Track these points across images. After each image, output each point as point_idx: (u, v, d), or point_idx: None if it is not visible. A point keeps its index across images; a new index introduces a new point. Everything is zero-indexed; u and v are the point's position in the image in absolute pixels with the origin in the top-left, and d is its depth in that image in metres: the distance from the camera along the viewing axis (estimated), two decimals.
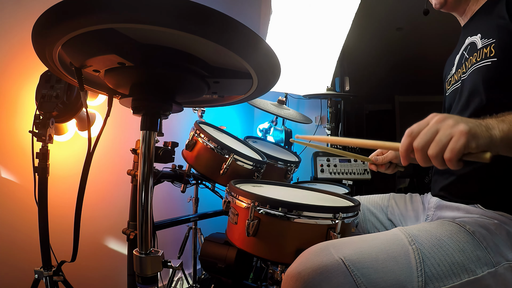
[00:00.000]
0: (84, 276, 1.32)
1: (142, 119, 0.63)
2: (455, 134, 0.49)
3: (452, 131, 0.50)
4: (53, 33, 0.48)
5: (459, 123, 0.50)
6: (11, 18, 1.12)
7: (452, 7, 0.90)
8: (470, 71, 0.78)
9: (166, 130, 0.84)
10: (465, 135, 0.49)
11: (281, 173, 1.29)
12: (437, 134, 0.51)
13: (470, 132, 0.49)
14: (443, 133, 0.50)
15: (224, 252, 1.03)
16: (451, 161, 0.49)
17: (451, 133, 0.50)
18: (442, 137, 0.50)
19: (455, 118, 0.52)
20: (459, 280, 0.59)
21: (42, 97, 0.97)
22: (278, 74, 0.64)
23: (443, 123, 0.51)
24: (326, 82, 2.00)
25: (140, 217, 0.62)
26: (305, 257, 0.60)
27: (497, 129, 0.52)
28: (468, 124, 0.50)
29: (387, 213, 1.00)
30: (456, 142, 0.49)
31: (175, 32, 0.47)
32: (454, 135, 0.49)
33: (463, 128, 0.49)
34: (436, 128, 0.51)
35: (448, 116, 0.52)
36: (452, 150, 0.49)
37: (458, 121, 0.51)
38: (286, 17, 1.94)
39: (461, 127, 0.49)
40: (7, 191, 1.13)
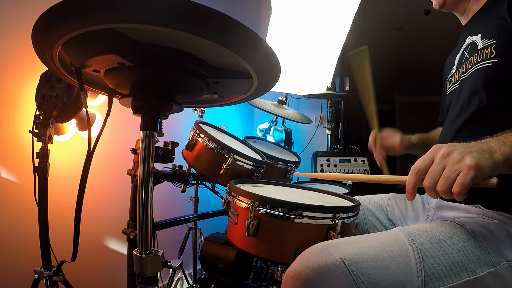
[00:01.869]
0: (84, 276, 1.32)
1: (142, 119, 0.62)
2: (462, 169, 0.50)
3: (459, 166, 0.51)
4: (53, 33, 0.48)
5: (464, 156, 0.51)
6: (11, 18, 1.12)
7: (451, 7, 0.91)
8: (471, 71, 0.78)
9: (166, 130, 0.84)
10: (473, 169, 0.50)
11: (281, 173, 1.29)
12: (444, 170, 0.52)
13: (477, 165, 0.50)
14: (450, 169, 0.51)
15: (224, 252, 1.03)
16: (460, 194, 0.50)
17: (459, 168, 0.51)
18: (450, 173, 0.51)
19: (459, 150, 0.53)
20: (459, 280, 0.59)
21: (42, 97, 0.97)
22: (278, 74, 0.64)
23: (449, 158, 0.52)
24: (326, 82, 2.00)
25: (140, 217, 0.62)
26: (305, 257, 0.60)
27: (498, 152, 0.53)
28: (473, 156, 0.51)
29: (387, 213, 1.00)
30: (465, 177, 0.50)
31: (175, 32, 0.47)
32: (461, 170, 0.51)
33: (469, 162, 0.50)
34: (443, 164, 0.52)
35: (453, 148, 0.53)
36: (462, 184, 0.50)
37: (463, 153, 0.52)
38: (286, 17, 1.94)
39: (468, 161, 0.50)
40: (7, 191, 1.13)
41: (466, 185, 0.50)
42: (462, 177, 0.50)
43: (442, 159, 0.53)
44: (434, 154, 0.54)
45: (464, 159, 0.51)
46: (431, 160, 0.54)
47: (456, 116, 0.81)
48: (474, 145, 0.54)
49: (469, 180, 0.50)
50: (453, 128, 0.81)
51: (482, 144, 0.55)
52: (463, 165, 0.50)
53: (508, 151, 0.53)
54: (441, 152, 0.53)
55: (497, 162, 0.52)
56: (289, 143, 1.99)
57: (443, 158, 0.53)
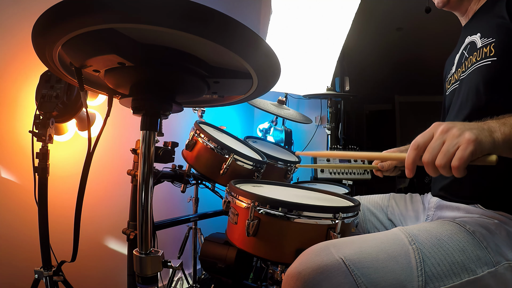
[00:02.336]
0: (84, 276, 1.32)
1: (142, 119, 0.62)
2: (462, 143, 0.51)
3: (459, 141, 0.51)
4: (53, 33, 0.48)
5: (464, 131, 0.51)
6: (11, 18, 1.12)
7: (454, 7, 0.90)
8: (470, 70, 0.78)
9: (166, 130, 0.84)
10: (472, 143, 0.50)
11: (281, 173, 1.29)
12: (443, 145, 0.52)
13: (476, 139, 0.50)
14: (449, 143, 0.52)
15: (224, 252, 1.03)
16: (459, 169, 0.50)
17: (458, 142, 0.51)
18: (449, 147, 0.51)
19: (458, 126, 0.53)
20: (459, 279, 0.59)
21: (42, 97, 0.97)
22: (278, 74, 0.64)
23: (448, 133, 0.52)
24: (326, 82, 2.00)
25: (140, 217, 0.62)
26: (305, 257, 0.60)
27: (498, 132, 0.53)
28: (473, 131, 0.51)
29: (387, 213, 1.00)
30: (464, 151, 0.50)
31: (175, 32, 0.47)
32: (461, 144, 0.51)
33: (469, 136, 0.50)
34: (442, 139, 0.53)
35: (452, 125, 0.53)
36: (460, 158, 0.50)
37: (463, 129, 0.52)
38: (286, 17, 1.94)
39: (467, 135, 0.51)
40: (7, 191, 1.13)
41: (465, 159, 0.50)
42: (461, 151, 0.50)
43: (441, 134, 0.53)
44: (434, 130, 0.54)
45: (464, 134, 0.51)
46: (430, 136, 0.54)
47: (455, 115, 0.81)
48: (474, 124, 0.54)
49: (468, 153, 0.50)
50: None
51: (482, 124, 0.55)
52: (462, 139, 0.51)
53: (508, 132, 0.53)
54: (441, 128, 0.53)
55: (496, 141, 0.52)
56: (289, 143, 1.99)
57: (442, 134, 0.53)
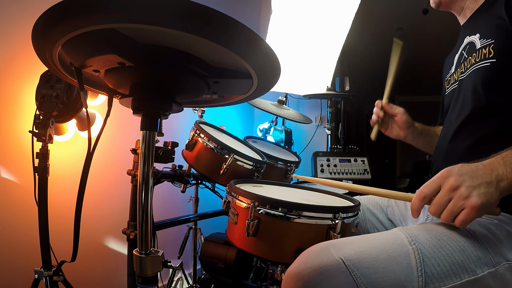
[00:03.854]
0: (84, 276, 1.32)
1: (142, 119, 0.62)
2: (467, 207, 0.53)
3: (465, 204, 0.53)
4: (53, 33, 0.48)
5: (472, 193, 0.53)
6: (11, 18, 1.12)
7: (447, 5, 0.91)
8: (469, 71, 0.78)
9: (166, 130, 0.84)
10: (477, 210, 0.52)
11: (281, 173, 1.29)
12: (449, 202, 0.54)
13: (482, 205, 0.52)
14: (455, 204, 0.54)
15: (224, 252, 1.03)
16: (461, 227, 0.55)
17: (463, 205, 0.53)
18: (454, 209, 0.54)
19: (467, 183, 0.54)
20: (459, 280, 0.59)
21: (42, 97, 0.97)
22: (278, 74, 0.64)
23: (456, 192, 0.54)
24: (326, 82, 2.00)
25: (140, 217, 0.62)
26: (305, 257, 0.60)
27: (506, 180, 0.55)
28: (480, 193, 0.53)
29: (387, 213, 1.00)
30: (468, 216, 0.53)
31: (175, 32, 0.47)
32: (466, 207, 0.53)
33: (475, 202, 0.52)
34: (449, 196, 0.54)
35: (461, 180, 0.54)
36: (464, 222, 0.53)
37: (471, 189, 0.53)
38: (286, 17, 1.94)
39: (473, 201, 0.52)
40: (7, 191, 1.13)
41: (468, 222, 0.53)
42: (465, 215, 0.53)
43: (449, 191, 0.54)
44: (442, 183, 0.56)
45: (471, 197, 0.52)
46: (437, 188, 0.56)
47: (455, 116, 0.81)
48: (482, 174, 0.55)
49: (471, 219, 0.53)
50: (453, 128, 0.81)
51: (490, 173, 0.55)
52: (468, 204, 0.52)
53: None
54: (450, 184, 0.55)
55: (502, 191, 0.54)
56: (289, 143, 1.99)
57: (450, 191, 0.54)
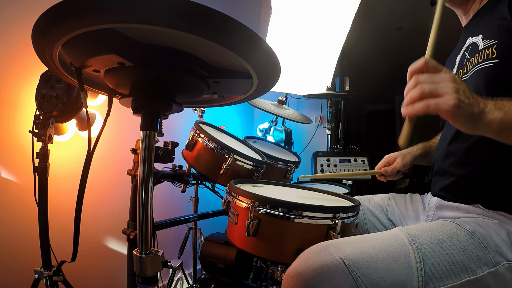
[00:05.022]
0: (84, 276, 1.32)
1: (142, 119, 0.63)
2: (446, 94, 0.50)
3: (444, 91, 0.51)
4: (53, 33, 0.48)
5: (457, 91, 0.51)
6: (11, 18, 1.12)
7: (458, 3, 0.89)
8: (472, 72, 0.77)
9: (166, 130, 0.84)
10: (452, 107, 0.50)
11: (281, 173, 1.29)
12: (436, 84, 0.52)
13: (458, 107, 0.50)
14: (439, 87, 0.51)
15: (224, 252, 1.03)
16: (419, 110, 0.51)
17: (445, 92, 0.51)
18: (435, 90, 0.51)
19: (462, 87, 0.52)
20: (459, 279, 0.59)
21: (42, 97, 0.97)
22: (278, 74, 0.64)
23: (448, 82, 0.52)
24: (326, 82, 1.99)
25: (140, 217, 0.62)
26: (305, 257, 0.60)
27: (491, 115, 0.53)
28: (460, 99, 0.51)
29: (387, 213, 1.00)
30: (442, 103, 0.50)
31: (175, 32, 0.47)
32: (444, 95, 0.50)
33: (453, 102, 0.50)
34: (436, 82, 0.52)
35: (458, 82, 0.53)
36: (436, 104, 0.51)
37: (460, 92, 0.51)
38: (286, 17, 1.94)
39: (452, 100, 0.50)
40: (7, 191, 1.13)
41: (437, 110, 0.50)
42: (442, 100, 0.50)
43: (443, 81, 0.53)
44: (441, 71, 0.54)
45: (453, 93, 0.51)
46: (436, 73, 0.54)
47: None
48: (476, 98, 0.54)
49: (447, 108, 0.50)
50: (453, 128, 0.81)
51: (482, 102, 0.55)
52: (448, 95, 0.50)
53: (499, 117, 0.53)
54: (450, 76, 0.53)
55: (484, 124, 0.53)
56: (289, 143, 1.99)
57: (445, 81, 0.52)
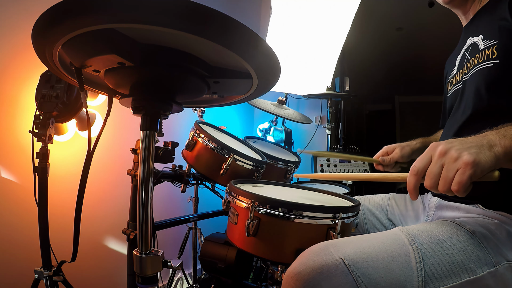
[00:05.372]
0: (84, 276, 1.32)
1: (142, 119, 0.63)
2: (460, 167, 0.50)
3: (457, 164, 0.50)
4: (53, 33, 0.48)
5: (462, 152, 0.50)
6: (11, 18, 1.12)
7: (459, 4, 0.89)
8: (472, 72, 0.77)
9: (166, 130, 0.84)
10: (471, 166, 0.49)
11: (281, 173, 1.29)
12: (442, 169, 0.52)
13: (474, 161, 0.49)
14: (448, 168, 0.51)
15: (224, 252, 1.03)
16: (459, 192, 0.50)
17: (456, 166, 0.50)
18: (448, 173, 0.51)
19: (456, 146, 0.52)
20: (459, 279, 0.59)
21: (42, 97, 0.97)
22: (278, 74, 0.64)
23: (446, 156, 0.52)
24: (326, 82, 2.00)
25: (140, 217, 0.62)
26: (305, 257, 0.60)
27: (499, 146, 0.52)
28: (471, 152, 0.50)
29: (387, 213, 1.00)
30: (463, 175, 0.49)
31: (175, 32, 0.47)
32: (459, 168, 0.50)
33: (467, 159, 0.49)
34: (441, 162, 0.52)
35: (450, 145, 0.52)
36: (459, 183, 0.49)
37: (461, 150, 0.51)
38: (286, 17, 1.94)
39: (465, 158, 0.50)
40: (7, 191, 1.13)
41: (464, 183, 0.49)
42: (460, 175, 0.49)
43: (440, 157, 0.52)
44: (432, 153, 0.54)
45: (462, 156, 0.50)
46: (429, 160, 0.54)
47: (458, 117, 0.81)
48: (473, 140, 0.53)
49: (467, 177, 0.49)
50: (455, 129, 0.80)
51: (481, 139, 0.54)
52: (461, 163, 0.50)
53: (508, 144, 0.52)
54: (439, 151, 0.53)
55: (497, 156, 0.51)
56: (289, 143, 1.99)
57: (440, 157, 0.52)
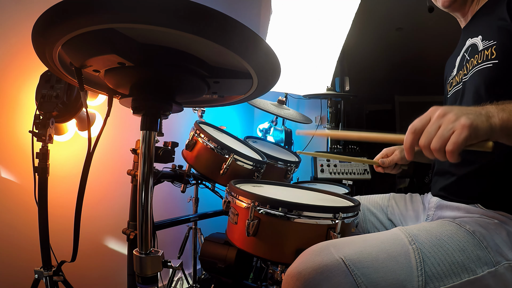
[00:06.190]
0: (84, 276, 1.32)
1: (142, 119, 0.62)
2: (457, 128, 0.51)
3: (454, 126, 0.51)
4: (53, 33, 0.48)
5: (460, 116, 0.51)
6: (11, 18, 1.12)
7: (457, 8, 0.89)
8: (472, 73, 0.77)
9: (166, 130, 0.84)
10: (467, 128, 0.50)
11: (281, 173, 1.29)
12: (439, 129, 0.52)
13: (471, 125, 0.50)
14: (445, 127, 0.52)
15: (224, 252, 1.03)
16: (453, 153, 0.51)
17: (453, 127, 0.51)
18: (444, 131, 0.52)
19: (455, 111, 0.53)
20: (459, 279, 0.59)
21: (42, 97, 0.97)
22: (278, 74, 0.64)
23: (445, 118, 0.52)
24: (326, 82, 2.00)
25: (140, 217, 0.62)
26: (305, 257, 0.61)
27: (496, 117, 0.53)
28: (469, 117, 0.51)
29: (387, 213, 1.00)
30: (458, 136, 0.50)
31: (175, 32, 0.47)
32: (456, 129, 0.51)
33: (464, 121, 0.50)
34: (438, 123, 0.53)
35: (449, 109, 0.53)
36: (455, 143, 0.50)
37: (459, 114, 0.52)
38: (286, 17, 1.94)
39: (463, 120, 0.51)
40: (7, 191, 1.13)
41: (459, 144, 0.50)
42: (455, 135, 0.50)
43: (438, 118, 0.53)
44: (431, 114, 0.55)
45: (459, 119, 0.51)
46: (427, 120, 0.55)
47: None
48: (472, 109, 0.54)
49: (463, 138, 0.50)
50: None
51: (479, 109, 0.55)
52: (458, 124, 0.51)
53: (505, 117, 0.53)
54: (438, 112, 0.54)
55: (493, 127, 0.52)
56: (289, 143, 1.99)
57: (439, 118, 0.53)
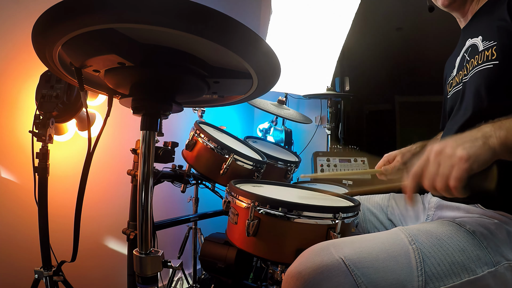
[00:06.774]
0: (84, 276, 1.32)
1: (142, 119, 0.62)
2: (455, 163, 0.50)
3: (452, 161, 0.51)
4: (53, 33, 0.48)
5: (456, 149, 0.51)
6: (11, 18, 1.12)
7: (457, 7, 0.89)
8: (472, 73, 0.77)
9: (166, 130, 0.84)
10: (465, 160, 0.50)
11: (281, 173, 1.29)
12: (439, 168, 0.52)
13: (468, 155, 0.50)
14: (444, 165, 0.52)
15: (224, 252, 1.03)
16: (457, 189, 0.50)
17: (452, 163, 0.51)
18: (444, 169, 0.51)
19: (450, 144, 0.53)
20: (459, 279, 0.59)
21: (42, 97, 0.97)
22: (278, 74, 0.64)
23: (442, 155, 0.52)
24: (326, 82, 2.00)
25: (140, 217, 0.62)
26: (305, 257, 0.61)
27: (494, 137, 0.53)
28: (465, 147, 0.51)
29: (387, 213, 1.00)
30: (458, 170, 0.50)
31: (175, 32, 0.47)
32: (454, 164, 0.50)
33: (461, 153, 0.50)
34: (437, 162, 0.53)
35: (444, 144, 0.53)
36: (455, 178, 0.50)
37: (455, 147, 0.52)
38: (286, 17, 1.94)
39: (459, 153, 0.50)
40: (7, 191, 1.13)
41: (461, 178, 0.50)
42: (456, 171, 0.50)
43: (436, 157, 0.53)
44: (428, 155, 0.54)
45: (456, 152, 0.51)
46: (426, 162, 0.54)
47: (458, 119, 0.81)
48: (467, 135, 0.54)
49: (463, 172, 0.49)
50: (455, 130, 0.80)
51: (475, 132, 0.54)
52: (455, 159, 0.50)
53: (503, 135, 0.52)
54: (434, 151, 0.53)
55: (493, 147, 0.52)
56: (289, 143, 1.99)
57: (437, 156, 0.53)
